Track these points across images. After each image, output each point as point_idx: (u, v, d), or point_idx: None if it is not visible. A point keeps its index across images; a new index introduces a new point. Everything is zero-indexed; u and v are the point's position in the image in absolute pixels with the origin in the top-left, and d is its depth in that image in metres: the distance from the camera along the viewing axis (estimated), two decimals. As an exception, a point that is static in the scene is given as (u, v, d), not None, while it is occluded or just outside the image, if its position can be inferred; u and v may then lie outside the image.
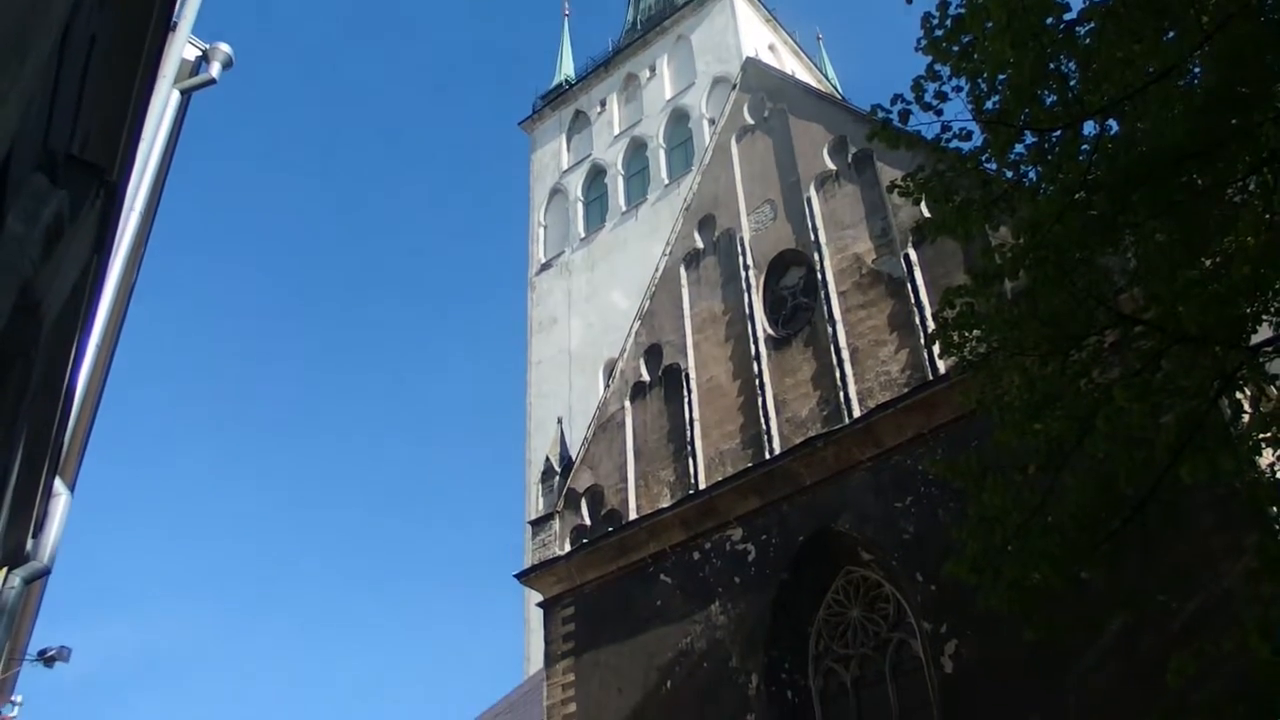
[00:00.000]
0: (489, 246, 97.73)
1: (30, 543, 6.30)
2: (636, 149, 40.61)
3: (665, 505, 17.30)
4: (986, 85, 7.81)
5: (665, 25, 42.50)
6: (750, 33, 40.02)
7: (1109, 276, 8.13)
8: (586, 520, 18.50)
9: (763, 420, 16.88)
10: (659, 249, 21.61)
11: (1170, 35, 6.98)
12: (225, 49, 7.86)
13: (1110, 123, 7.65)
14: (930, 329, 14.32)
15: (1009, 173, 8.12)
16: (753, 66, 22.19)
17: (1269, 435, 7.87)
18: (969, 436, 12.49)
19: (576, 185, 41.90)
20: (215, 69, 7.81)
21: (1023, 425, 7.99)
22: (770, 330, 17.92)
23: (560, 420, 22.02)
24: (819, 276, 17.42)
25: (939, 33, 7.90)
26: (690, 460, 17.51)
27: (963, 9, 7.73)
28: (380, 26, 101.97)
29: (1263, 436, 7.90)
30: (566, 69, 47.12)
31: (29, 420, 4.52)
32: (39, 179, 3.33)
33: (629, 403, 19.25)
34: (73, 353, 5.09)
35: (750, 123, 20.51)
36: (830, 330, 16.74)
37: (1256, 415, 8.34)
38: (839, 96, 34.07)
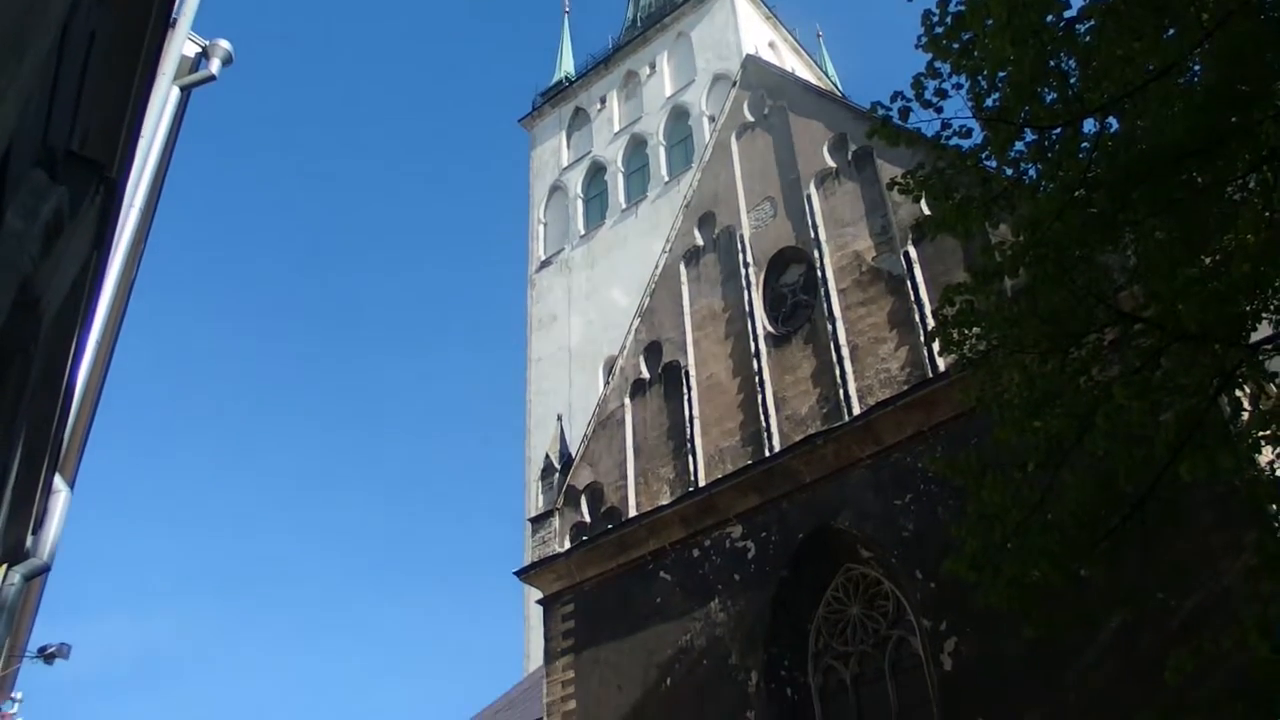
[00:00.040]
0: (489, 243, 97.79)
1: (30, 539, 6.30)
2: (636, 146, 40.59)
3: (665, 502, 17.31)
4: (987, 82, 7.80)
5: (665, 22, 42.47)
6: (750, 30, 40.00)
7: (1109, 274, 8.12)
8: (586, 517, 18.51)
9: (762, 418, 16.88)
10: (659, 246, 21.60)
11: (1170, 33, 6.98)
12: (225, 46, 7.86)
13: (1110, 120, 7.65)
14: (930, 326, 14.32)
15: (1009, 170, 8.12)
16: (753, 64, 22.18)
17: (1268, 433, 7.88)
18: (969, 434, 12.50)
19: (576, 182, 41.88)
20: (215, 65, 7.82)
21: (1022, 423, 7.98)
22: (770, 327, 17.92)
23: (560, 417, 21.99)
24: (819, 274, 17.42)
25: (939, 30, 7.90)
26: (690, 457, 17.51)
27: (963, 6, 7.72)
28: (380, 23, 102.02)
29: (1262, 434, 7.91)
30: (566, 66, 47.08)
31: (29, 417, 4.53)
32: (39, 175, 3.33)
33: (629, 400, 19.25)
34: (72, 349, 5.09)
35: (750, 120, 20.49)
36: (830, 328, 16.74)
37: (1256, 413, 8.35)
38: (839, 94, 34.05)
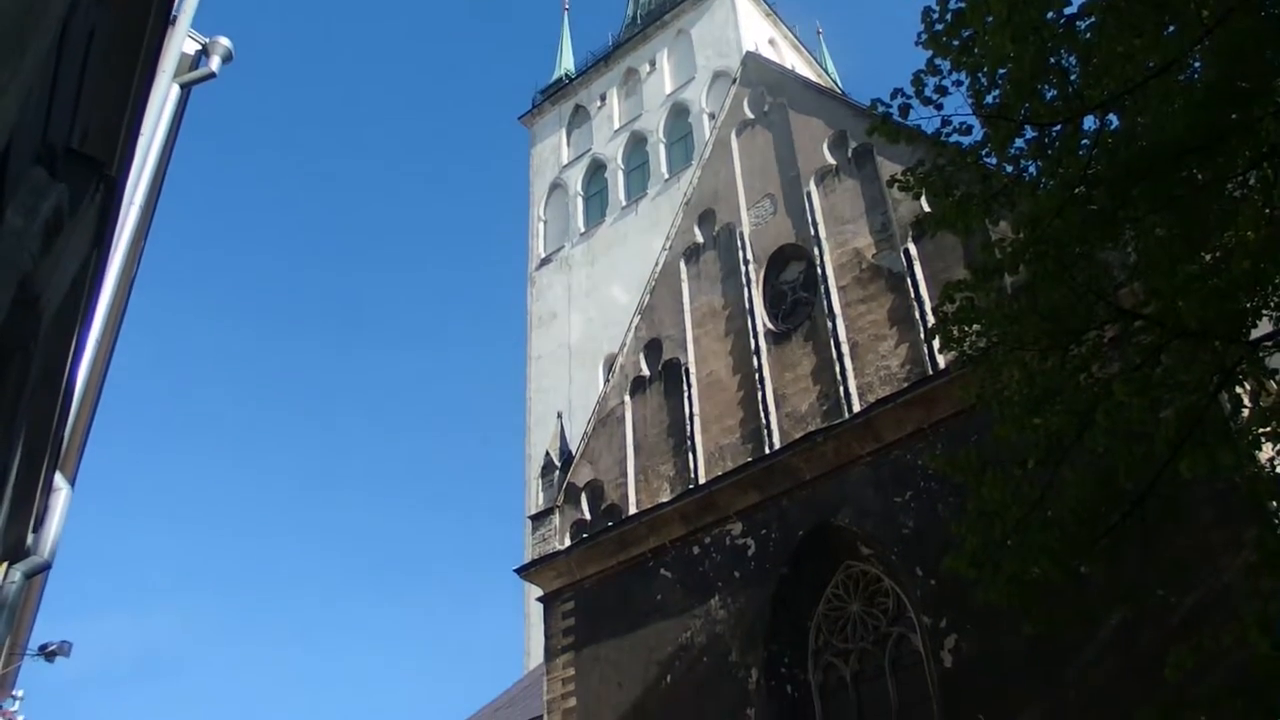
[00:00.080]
0: (488, 241, 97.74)
1: (31, 537, 6.31)
2: (636, 144, 40.55)
3: (665, 500, 17.32)
4: (987, 80, 7.80)
5: (665, 19, 42.41)
6: (750, 27, 39.96)
7: (1109, 271, 8.12)
8: (586, 515, 18.51)
9: (762, 415, 16.88)
10: (659, 244, 21.58)
11: (1170, 30, 6.97)
12: (225, 43, 7.85)
13: (1110, 117, 7.65)
14: (930, 324, 14.34)
15: (1009, 167, 8.11)
16: (753, 61, 22.15)
17: (1269, 430, 7.87)
18: (969, 431, 12.52)
19: (576, 180, 41.85)
20: (215, 63, 7.81)
21: (1022, 420, 7.98)
22: (770, 325, 17.92)
23: (560, 415, 21.98)
24: (819, 271, 17.41)
25: (939, 27, 7.90)
26: (690, 455, 17.51)
27: (963, 3, 7.71)
28: (380, 20, 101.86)
29: (1262, 431, 7.91)
30: (566, 63, 47.02)
31: (29, 415, 4.53)
32: (38, 173, 3.33)
33: (629, 397, 19.25)
34: (73, 347, 5.09)
35: (750, 117, 20.48)
36: (830, 325, 16.73)
37: (1256, 410, 8.33)
38: (839, 91, 33.98)
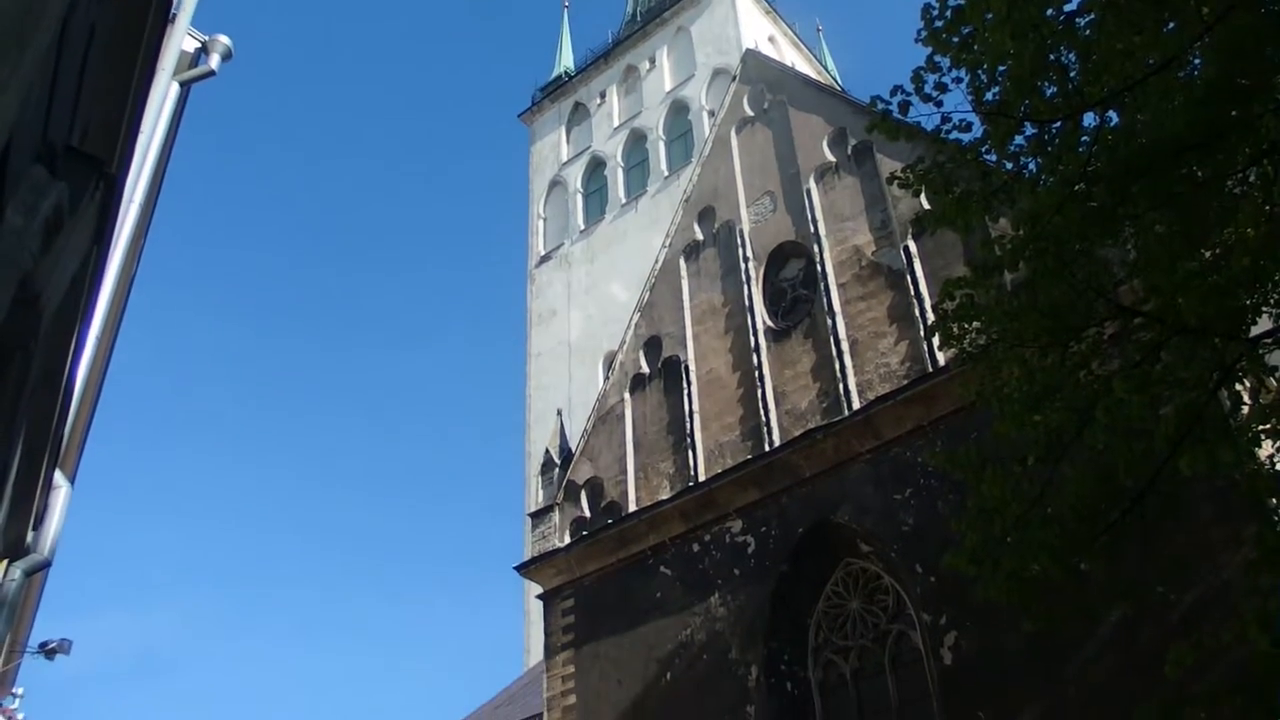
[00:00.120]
0: (488, 238, 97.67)
1: (31, 535, 6.30)
2: (636, 141, 40.55)
3: (665, 497, 17.33)
4: (986, 77, 7.80)
5: (665, 17, 42.40)
6: (750, 24, 39.94)
7: (1109, 268, 8.12)
8: (586, 512, 18.52)
9: (762, 412, 16.89)
10: (658, 241, 21.58)
11: (1170, 27, 6.97)
12: (224, 41, 7.84)
13: (1110, 114, 7.65)
14: (930, 321, 14.34)
15: (1009, 164, 8.10)
16: (752, 58, 22.14)
17: (1268, 427, 7.89)
18: (968, 428, 12.52)
19: (576, 177, 41.85)
20: (214, 61, 7.80)
21: (1022, 417, 7.99)
22: (770, 322, 17.92)
23: (560, 412, 22.00)
24: (819, 268, 17.41)
25: (939, 24, 7.89)
26: (690, 452, 17.52)
27: (962, 0, 7.71)
28: (379, 18, 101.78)
29: (1262, 428, 7.92)
30: (566, 61, 47.00)
31: (29, 413, 4.53)
32: (38, 171, 3.32)
33: (628, 395, 19.25)
34: (73, 345, 5.09)
35: (750, 114, 20.47)
36: (830, 322, 16.74)
37: (1256, 407, 8.33)
38: (839, 88, 34.00)
